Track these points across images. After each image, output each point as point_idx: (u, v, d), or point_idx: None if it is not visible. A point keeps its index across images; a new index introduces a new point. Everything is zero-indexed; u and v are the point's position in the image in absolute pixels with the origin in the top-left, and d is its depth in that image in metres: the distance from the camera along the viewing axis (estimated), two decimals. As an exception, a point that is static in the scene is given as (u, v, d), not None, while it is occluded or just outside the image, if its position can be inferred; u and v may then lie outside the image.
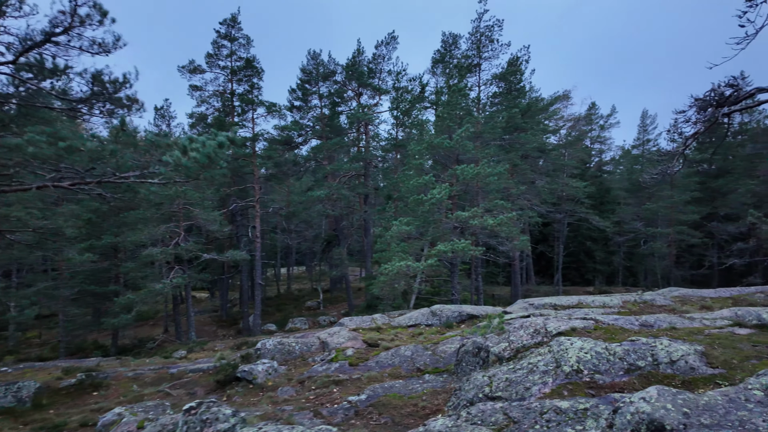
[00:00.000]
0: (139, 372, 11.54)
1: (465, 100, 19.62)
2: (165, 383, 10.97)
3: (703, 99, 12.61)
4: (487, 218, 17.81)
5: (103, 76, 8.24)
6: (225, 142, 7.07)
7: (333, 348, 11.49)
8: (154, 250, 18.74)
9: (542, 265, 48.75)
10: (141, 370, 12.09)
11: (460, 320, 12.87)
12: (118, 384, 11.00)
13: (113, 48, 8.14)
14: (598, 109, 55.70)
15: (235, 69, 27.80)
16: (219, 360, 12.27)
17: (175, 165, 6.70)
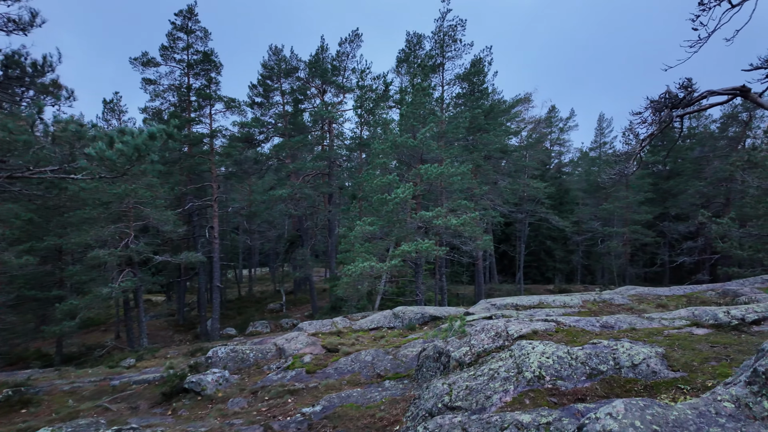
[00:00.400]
0: (78, 385, 10.60)
1: (429, 99, 19.42)
2: (105, 397, 10.09)
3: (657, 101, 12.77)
4: (451, 218, 17.64)
5: (22, 58, 7.35)
6: (157, 133, 6.42)
7: (290, 355, 10.93)
8: (101, 252, 17.51)
9: (505, 264, 49.54)
10: (80, 383, 11.13)
11: (422, 322, 12.58)
12: (51, 399, 10.03)
13: (30, 26, 7.26)
14: (557, 112, 57.22)
15: (191, 62, 26.58)
16: (167, 369, 11.47)
17: (99, 158, 5.99)
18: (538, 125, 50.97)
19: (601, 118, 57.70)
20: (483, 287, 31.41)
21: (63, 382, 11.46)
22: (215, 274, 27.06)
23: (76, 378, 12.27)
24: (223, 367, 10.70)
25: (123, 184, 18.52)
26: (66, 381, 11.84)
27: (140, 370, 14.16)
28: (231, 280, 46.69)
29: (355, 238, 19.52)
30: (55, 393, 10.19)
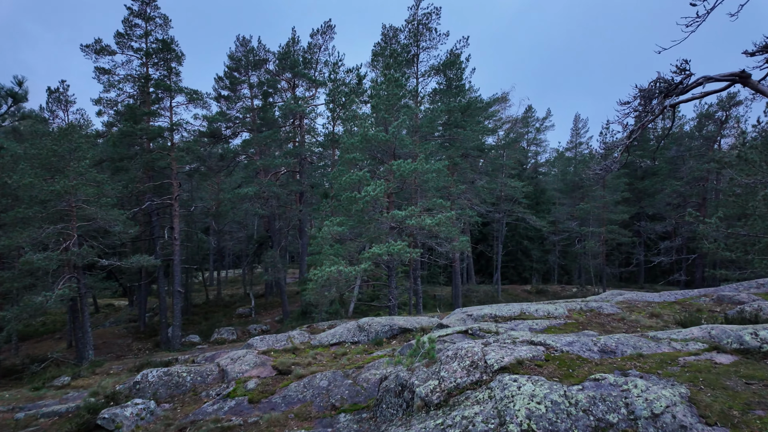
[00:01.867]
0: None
1: (402, 90, 17.91)
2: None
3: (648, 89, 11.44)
4: (425, 218, 16.17)
5: None
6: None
7: (233, 378, 9.23)
8: (36, 256, 15.37)
9: (482, 265, 48.52)
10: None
11: (391, 335, 11.03)
12: (-67, 440, 8.11)
13: None
14: (534, 112, 56.55)
15: (150, 51, 24.41)
16: (91, 396, 9.62)
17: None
18: (515, 125, 50.18)
19: (577, 119, 57.38)
20: (460, 288, 30.13)
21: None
22: (176, 278, 24.99)
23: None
24: (153, 393, 8.92)
25: (62, 180, 16.41)
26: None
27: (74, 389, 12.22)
28: (199, 283, 44.29)
29: (324, 239, 17.86)
30: (-62, 432, 8.25)
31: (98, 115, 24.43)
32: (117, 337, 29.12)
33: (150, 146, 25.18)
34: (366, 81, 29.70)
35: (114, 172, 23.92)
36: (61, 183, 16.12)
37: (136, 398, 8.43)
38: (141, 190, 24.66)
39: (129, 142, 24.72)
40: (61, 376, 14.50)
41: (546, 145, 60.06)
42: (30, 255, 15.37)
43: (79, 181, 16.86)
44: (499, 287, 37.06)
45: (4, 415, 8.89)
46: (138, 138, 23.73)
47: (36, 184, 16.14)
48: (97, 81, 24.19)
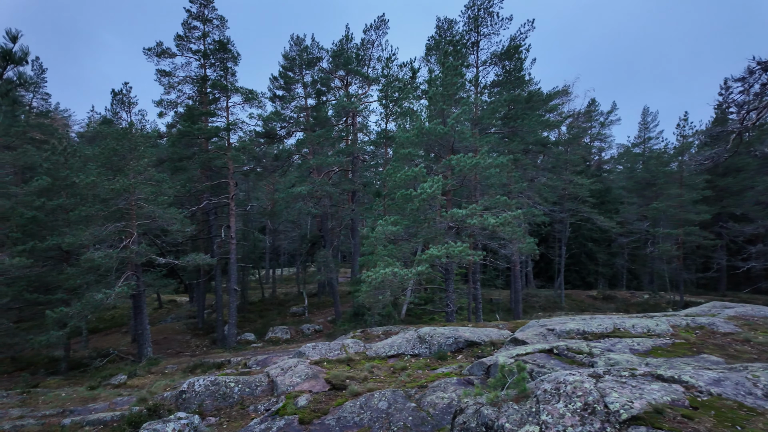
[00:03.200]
0: (21, 424, 8.27)
1: (461, 79, 16.47)
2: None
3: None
4: (488, 217, 14.62)
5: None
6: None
7: (283, 392, 8.27)
8: (96, 254, 15.46)
9: (541, 268, 45.64)
10: (31, 418, 8.83)
11: (455, 348, 9.68)
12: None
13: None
14: (598, 106, 52.75)
15: (207, 52, 24.53)
16: (140, 401, 9.05)
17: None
18: (577, 119, 46.85)
19: (645, 112, 53.01)
20: (520, 293, 28.07)
21: (14, 414, 9.22)
22: (232, 276, 24.93)
23: (34, 407, 10.04)
24: (198, 405, 8.15)
25: (122, 178, 16.45)
26: (22, 411, 9.62)
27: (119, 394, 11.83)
28: (255, 281, 44.89)
29: (377, 239, 16.77)
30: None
31: (159, 116, 24.87)
32: (177, 333, 29.72)
33: (207, 146, 25.34)
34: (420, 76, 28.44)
35: (173, 171, 24.22)
36: (121, 181, 16.14)
37: (180, 411, 7.67)
38: (199, 189, 24.85)
39: (187, 143, 24.96)
40: (119, 374, 14.38)
41: (611, 141, 55.85)
42: (91, 253, 15.46)
43: (137, 180, 16.85)
44: (562, 292, 34.43)
45: (52, 419, 8.46)
46: (196, 138, 23.87)
47: (98, 183, 16.27)
48: (159, 83, 24.64)
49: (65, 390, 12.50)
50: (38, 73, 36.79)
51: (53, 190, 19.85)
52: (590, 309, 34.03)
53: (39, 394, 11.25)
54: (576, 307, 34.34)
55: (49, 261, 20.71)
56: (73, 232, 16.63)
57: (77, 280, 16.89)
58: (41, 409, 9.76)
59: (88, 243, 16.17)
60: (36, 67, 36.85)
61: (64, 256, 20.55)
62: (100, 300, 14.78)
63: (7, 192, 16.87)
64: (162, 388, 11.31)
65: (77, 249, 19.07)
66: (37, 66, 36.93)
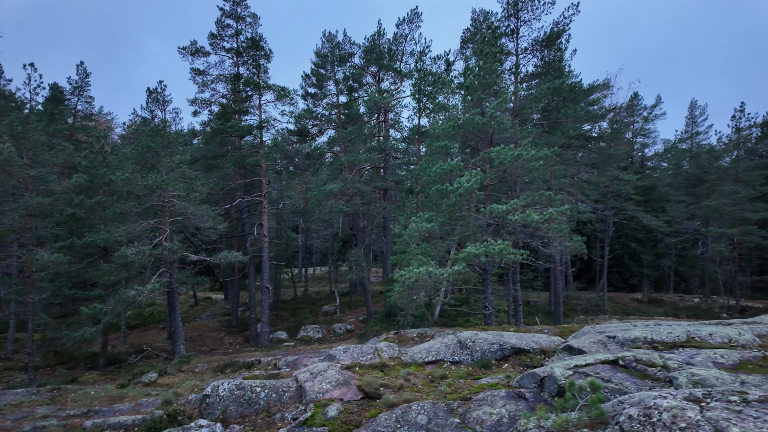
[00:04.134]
0: (42, 425, 7.91)
1: (500, 66, 15.39)
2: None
3: None
4: (531, 213, 13.50)
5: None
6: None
7: (312, 399, 7.55)
8: (129, 250, 15.34)
9: (580, 269, 43.44)
10: (54, 417, 8.49)
11: (501, 356, 8.70)
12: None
13: None
14: (641, 100, 49.90)
15: (240, 50, 24.37)
16: (164, 404, 8.56)
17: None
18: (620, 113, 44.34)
19: (693, 106, 49.77)
20: (561, 295, 26.52)
21: (40, 413, 8.93)
22: (264, 274, 24.64)
23: (62, 405, 9.76)
24: (222, 411, 7.55)
25: (154, 175, 16.30)
26: (49, 409, 9.34)
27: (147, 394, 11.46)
28: (288, 280, 44.91)
29: (411, 237, 15.92)
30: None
31: (194, 114, 24.97)
32: (211, 330, 29.82)
33: (240, 144, 25.20)
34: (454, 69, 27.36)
35: (207, 169, 24.20)
36: (154, 178, 15.97)
37: (202, 418, 7.08)
38: (232, 187, 24.74)
39: (221, 141, 24.91)
40: (150, 372, 14.15)
41: (655, 136, 52.70)
42: (124, 249, 15.34)
43: (170, 177, 16.67)
44: (605, 295, 32.51)
45: (75, 421, 8.07)
46: (229, 136, 23.75)
47: (132, 180, 16.18)
48: (193, 82, 24.70)
49: (96, 387, 12.29)
50: (82, 77, 37.98)
51: (92, 188, 20.08)
52: (635, 313, 31.93)
53: (69, 392, 11.04)
54: (620, 311, 32.33)
55: (87, 258, 20.99)
56: (107, 229, 16.62)
57: (111, 277, 16.88)
58: (68, 408, 9.46)
59: (122, 240, 16.09)
60: (80, 72, 38.06)
61: (102, 253, 20.76)
62: (132, 297, 14.61)
63: (48, 189, 17.04)
64: (190, 388, 10.88)
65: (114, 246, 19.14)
66: (81, 70, 38.12)
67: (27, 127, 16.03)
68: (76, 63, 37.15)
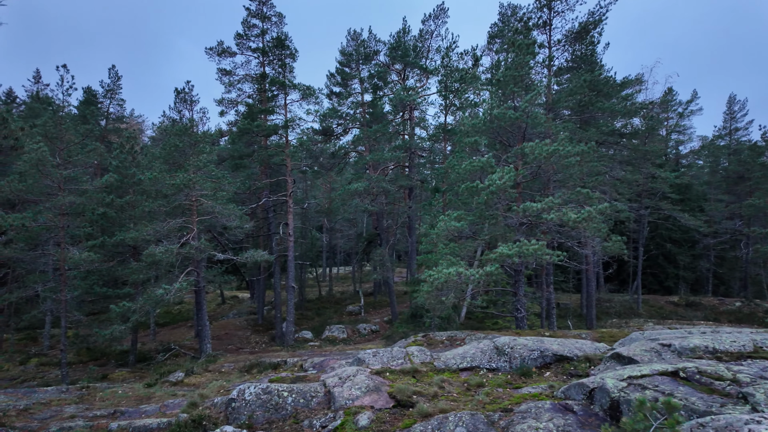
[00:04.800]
0: (67, 426, 7.76)
1: (533, 58, 14.68)
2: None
3: None
4: (567, 211, 12.77)
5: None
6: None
7: (341, 406, 7.14)
8: (157, 249, 15.34)
9: (613, 271, 41.83)
10: (81, 418, 8.35)
11: (542, 363, 8.10)
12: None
13: None
14: (676, 95, 47.85)
15: (266, 49, 24.31)
16: (190, 406, 8.30)
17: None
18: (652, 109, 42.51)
19: (732, 101, 47.30)
20: (593, 298, 25.44)
21: (68, 412, 8.82)
22: (290, 273, 24.53)
23: (91, 404, 9.66)
24: (248, 417, 7.22)
25: (181, 173, 16.26)
26: (77, 408, 9.24)
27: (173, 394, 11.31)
28: (312, 279, 44.91)
29: (438, 236, 15.39)
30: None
31: (220, 115, 25.12)
32: (238, 329, 29.94)
33: (266, 144, 25.16)
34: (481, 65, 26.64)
35: (233, 169, 24.21)
36: (181, 177, 15.93)
37: (227, 424, 6.77)
38: (258, 187, 24.71)
39: (247, 141, 24.91)
40: (177, 371, 14.05)
41: (691, 133, 50.39)
42: (152, 248, 15.33)
43: (197, 176, 16.62)
44: (639, 297, 31.10)
45: (101, 422, 7.89)
46: (255, 135, 23.71)
47: (160, 178, 16.19)
48: (220, 82, 24.76)
49: (124, 386, 12.24)
50: (114, 81, 38.86)
51: (122, 187, 20.30)
52: (672, 316, 30.43)
53: (97, 390, 10.98)
54: (655, 314, 30.87)
55: (118, 256, 21.25)
56: (137, 228, 16.69)
57: (140, 275, 16.95)
58: (96, 407, 9.34)
59: (150, 238, 16.12)
60: (112, 75, 38.95)
61: (132, 251, 20.97)
62: (160, 295, 14.57)
63: (80, 189, 17.25)
64: (216, 389, 10.65)
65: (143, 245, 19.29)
66: (113, 74, 39.00)
67: (60, 128, 16.23)
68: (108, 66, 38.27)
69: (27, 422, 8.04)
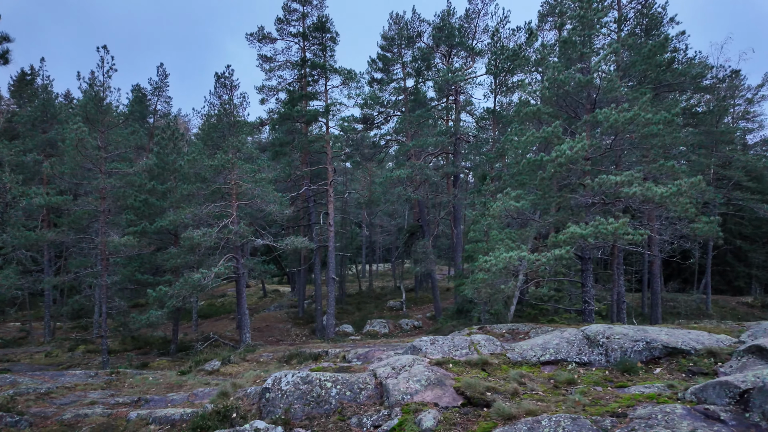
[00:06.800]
0: (85, 413, 6.72)
1: (603, 14, 12.69)
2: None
3: None
4: (651, 186, 10.77)
5: None
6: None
7: (397, 402, 5.68)
8: (195, 232, 14.51)
9: (672, 269, 38.19)
10: (101, 404, 7.33)
11: (648, 357, 6.31)
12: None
13: None
14: (744, 80, 43.30)
15: (306, 33, 23.33)
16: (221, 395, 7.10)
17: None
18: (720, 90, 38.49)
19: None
20: (659, 295, 22.78)
21: (90, 398, 7.86)
22: (330, 264, 23.42)
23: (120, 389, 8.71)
24: (284, 411, 5.89)
25: (220, 154, 15.39)
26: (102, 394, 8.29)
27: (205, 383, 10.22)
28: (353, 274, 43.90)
29: (494, 219, 13.67)
30: (45, 426, 6.42)
31: (261, 103, 24.27)
32: (279, 322, 29.23)
33: (307, 131, 24.20)
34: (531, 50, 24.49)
35: (273, 157, 23.35)
36: (220, 157, 15.05)
37: (258, 419, 5.46)
38: (299, 175, 23.78)
39: (288, 128, 24.03)
40: (213, 359, 13.09)
41: (762, 120, 45.48)
42: (190, 231, 14.52)
43: (236, 157, 15.70)
44: (708, 297, 27.93)
45: (121, 410, 6.83)
46: (296, 122, 22.76)
47: (198, 160, 15.38)
48: (260, 69, 24.02)
49: (158, 373, 11.33)
50: (162, 78, 39.37)
51: (163, 174, 19.83)
52: (749, 318, 27.02)
53: (128, 377, 10.09)
54: (728, 316, 27.53)
55: (159, 243, 20.82)
56: (175, 212, 15.98)
57: (178, 260, 16.23)
58: (123, 394, 8.37)
59: (189, 222, 15.35)
60: (160, 73, 39.49)
61: (174, 239, 20.48)
62: (197, 280, 13.70)
63: (120, 172, 16.76)
64: (252, 379, 9.47)
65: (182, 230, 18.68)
66: (161, 72, 39.52)
67: (100, 109, 15.77)
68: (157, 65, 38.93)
69: (44, 407, 7.09)
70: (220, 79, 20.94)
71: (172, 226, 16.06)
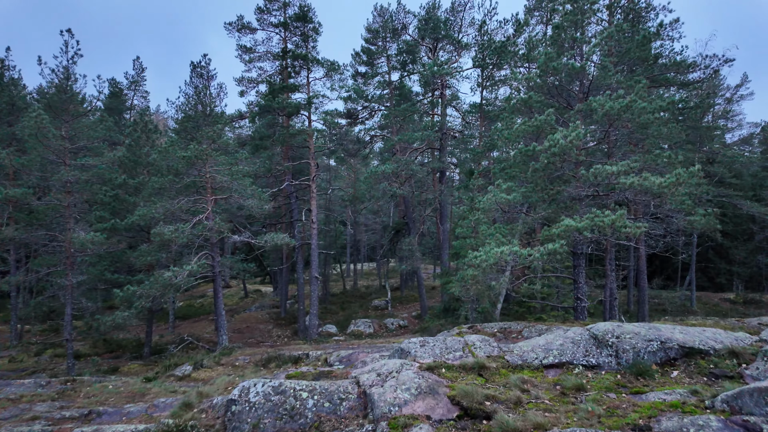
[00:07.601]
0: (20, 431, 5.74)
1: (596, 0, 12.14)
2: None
3: None
4: (649, 176, 10.21)
5: None
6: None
7: (383, 415, 4.87)
8: (166, 228, 13.46)
9: (656, 266, 38.27)
10: (44, 419, 6.35)
11: (663, 359, 5.63)
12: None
13: None
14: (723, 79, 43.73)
15: (287, 22, 22.35)
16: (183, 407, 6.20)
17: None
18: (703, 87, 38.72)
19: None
20: (646, 292, 22.49)
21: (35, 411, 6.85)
22: (313, 262, 22.50)
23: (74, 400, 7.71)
24: (252, 427, 5.04)
25: (194, 145, 14.36)
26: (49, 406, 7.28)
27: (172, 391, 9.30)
28: (337, 273, 42.94)
29: (484, 213, 12.98)
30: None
31: (240, 95, 23.19)
32: (260, 322, 28.14)
33: (288, 124, 23.21)
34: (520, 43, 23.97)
35: (254, 150, 22.30)
36: (193, 148, 14.02)
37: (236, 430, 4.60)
38: (280, 170, 22.77)
39: (269, 122, 23.01)
40: (185, 364, 12.10)
41: (741, 119, 46.09)
42: (161, 227, 13.46)
43: (211, 148, 14.68)
44: (693, 294, 27.90)
45: (64, 426, 5.87)
46: (276, 115, 21.76)
47: (170, 151, 14.33)
48: (240, 60, 22.95)
49: (123, 379, 10.30)
50: (138, 72, 37.84)
51: (136, 168, 18.65)
52: (732, 314, 27.04)
53: (84, 385, 9.05)
54: (712, 312, 27.55)
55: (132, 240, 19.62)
56: (146, 206, 14.88)
57: (148, 257, 15.12)
58: (74, 406, 7.38)
59: (160, 217, 14.27)
60: (137, 67, 37.94)
61: (146, 236, 19.30)
62: (167, 278, 12.66)
63: (86, 164, 15.56)
64: (224, 385, 8.56)
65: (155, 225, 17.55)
66: (138, 65, 37.99)
67: (63, 98, 14.57)
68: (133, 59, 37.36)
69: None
70: (196, 68, 19.82)
71: (143, 221, 14.95)
